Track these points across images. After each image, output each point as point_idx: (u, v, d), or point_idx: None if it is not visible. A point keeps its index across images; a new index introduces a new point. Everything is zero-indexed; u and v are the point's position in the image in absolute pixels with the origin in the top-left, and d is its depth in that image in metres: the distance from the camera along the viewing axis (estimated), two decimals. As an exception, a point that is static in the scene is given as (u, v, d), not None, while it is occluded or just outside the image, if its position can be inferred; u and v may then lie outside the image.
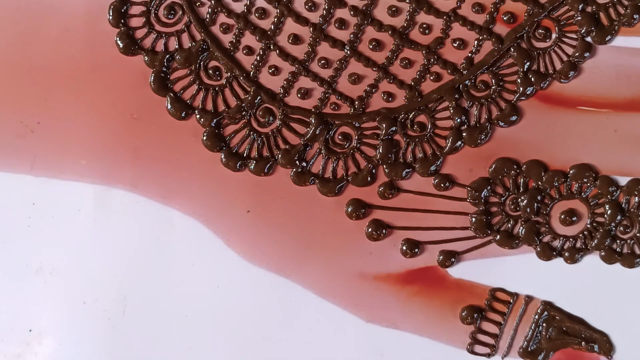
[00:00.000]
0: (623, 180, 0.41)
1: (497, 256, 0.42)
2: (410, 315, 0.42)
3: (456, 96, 0.40)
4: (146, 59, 0.39)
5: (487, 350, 0.42)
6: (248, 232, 0.40)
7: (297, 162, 0.40)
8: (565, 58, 0.40)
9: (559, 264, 0.42)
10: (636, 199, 0.41)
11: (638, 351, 0.43)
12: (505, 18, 0.40)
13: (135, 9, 0.39)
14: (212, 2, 0.38)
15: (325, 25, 0.39)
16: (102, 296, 0.40)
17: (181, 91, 0.39)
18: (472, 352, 0.42)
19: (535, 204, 0.41)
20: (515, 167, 0.41)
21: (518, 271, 0.42)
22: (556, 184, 0.41)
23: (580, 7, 0.40)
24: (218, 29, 0.39)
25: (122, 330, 0.41)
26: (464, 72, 0.40)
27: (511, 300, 0.42)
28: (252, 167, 0.40)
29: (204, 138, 0.39)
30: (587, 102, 0.41)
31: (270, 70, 0.39)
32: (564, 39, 0.40)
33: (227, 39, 0.39)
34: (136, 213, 0.39)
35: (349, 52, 0.39)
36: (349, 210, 0.40)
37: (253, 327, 0.41)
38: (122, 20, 0.38)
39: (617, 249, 0.42)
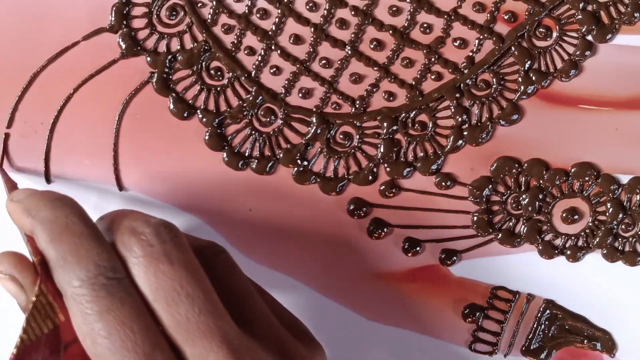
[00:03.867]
0: (625, 179, 0.41)
1: (498, 255, 0.42)
2: (412, 314, 0.42)
3: (457, 95, 0.40)
4: (149, 59, 0.39)
5: (489, 348, 0.43)
6: (250, 230, 0.40)
7: (298, 161, 0.40)
8: (566, 57, 0.40)
9: (561, 262, 0.42)
10: (638, 197, 0.41)
11: (640, 349, 0.43)
12: (506, 17, 0.40)
13: (137, 10, 0.39)
14: (214, 3, 0.39)
15: (326, 25, 0.39)
16: (106, 295, 0.41)
17: (183, 91, 0.39)
18: (474, 350, 0.42)
19: (537, 203, 0.41)
20: (516, 165, 0.41)
21: (520, 269, 0.42)
22: (558, 183, 0.41)
23: (580, 5, 0.40)
24: (220, 30, 0.39)
25: (126, 329, 0.41)
26: (465, 72, 0.40)
27: (513, 299, 0.42)
28: (254, 166, 0.40)
29: (206, 138, 0.40)
30: (588, 100, 0.41)
31: (271, 70, 0.39)
32: (565, 38, 0.40)
33: (228, 39, 0.39)
34: (139, 212, 0.39)
35: (350, 52, 0.39)
36: (351, 208, 0.41)
37: (256, 326, 0.41)
38: (125, 22, 0.39)
39: (619, 247, 0.42)
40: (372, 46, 0.40)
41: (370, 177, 0.40)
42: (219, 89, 0.40)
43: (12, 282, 0.31)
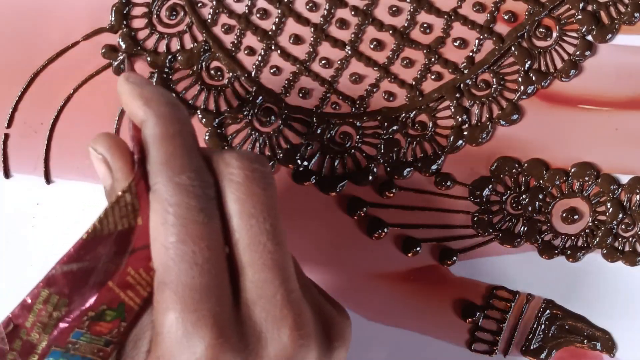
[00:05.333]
0: (625, 179, 0.41)
1: (498, 255, 0.42)
2: (412, 314, 0.42)
3: (457, 95, 0.40)
4: (149, 59, 0.39)
5: (488, 348, 0.43)
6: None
7: (298, 161, 0.40)
8: (566, 57, 0.40)
9: (561, 262, 0.42)
10: (637, 197, 0.41)
11: (640, 349, 0.43)
12: (506, 17, 0.40)
13: (137, 10, 0.39)
14: (214, 3, 0.39)
15: (326, 25, 0.39)
16: (106, 295, 0.41)
17: (183, 91, 0.39)
18: (474, 350, 0.42)
19: (537, 203, 0.41)
20: (516, 165, 0.41)
21: (519, 269, 0.42)
22: (557, 183, 0.41)
23: (580, 5, 0.40)
24: (220, 30, 0.39)
25: (126, 329, 0.41)
26: (465, 72, 0.40)
27: (513, 299, 0.42)
28: (254, 166, 0.40)
29: (206, 138, 0.40)
30: (588, 100, 0.41)
31: (271, 71, 0.39)
32: (565, 38, 0.40)
33: (228, 39, 0.39)
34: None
35: (349, 52, 0.39)
36: (350, 209, 0.41)
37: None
38: (125, 22, 0.39)
39: (619, 247, 0.42)
40: (372, 46, 0.40)
41: (370, 177, 0.40)
42: (219, 89, 0.40)
43: (103, 164, 0.30)
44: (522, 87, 0.40)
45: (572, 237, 0.42)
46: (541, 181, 0.41)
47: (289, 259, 0.29)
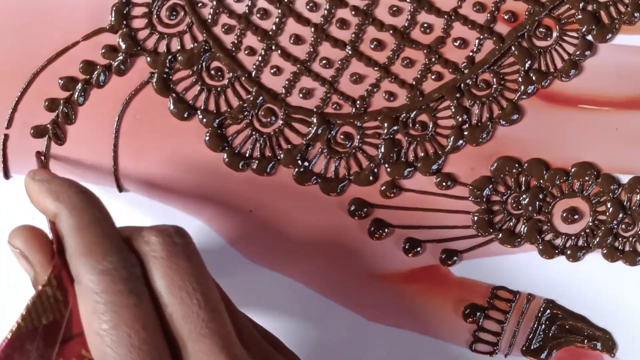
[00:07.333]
0: (625, 178, 0.41)
1: (499, 255, 0.42)
2: (413, 314, 0.42)
3: (457, 95, 0.40)
4: (149, 59, 0.39)
5: (489, 348, 0.43)
6: (251, 231, 0.40)
7: (299, 161, 0.40)
8: (566, 56, 0.40)
9: (561, 262, 0.42)
10: (638, 196, 0.41)
11: (640, 349, 0.43)
12: (506, 17, 0.40)
13: (137, 10, 0.39)
14: (214, 3, 0.39)
15: (326, 25, 0.39)
16: (105, 296, 0.40)
17: (183, 92, 0.39)
18: (475, 350, 0.42)
19: (537, 203, 0.41)
20: (516, 165, 0.41)
21: (520, 269, 0.42)
22: (558, 183, 0.41)
23: (580, 5, 0.40)
24: (220, 30, 0.39)
25: (126, 330, 0.41)
26: (465, 71, 0.40)
27: (513, 299, 0.42)
28: (255, 167, 0.40)
29: (207, 138, 0.39)
30: (588, 100, 0.41)
31: (272, 71, 0.39)
32: (565, 38, 0.40)
33: (229, 39, 0.39)
34: (139, 214, 0.39)
35: (350, 52, 0.39)
36: (351, 209, 0.41)
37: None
38: (125, 22, 0.38)
39: (619, 247, 0.42)
40: (372, 46, 0.40)
41: (371, 178, 0.40)
42: (219, 89, 0.39)
43: (23, 258, 0.31)
44: (522, 87, 0.40)
45: (573, 237, 0.42)
46: (541, 181, 0.41)
47: (226, 324, 0.30)
